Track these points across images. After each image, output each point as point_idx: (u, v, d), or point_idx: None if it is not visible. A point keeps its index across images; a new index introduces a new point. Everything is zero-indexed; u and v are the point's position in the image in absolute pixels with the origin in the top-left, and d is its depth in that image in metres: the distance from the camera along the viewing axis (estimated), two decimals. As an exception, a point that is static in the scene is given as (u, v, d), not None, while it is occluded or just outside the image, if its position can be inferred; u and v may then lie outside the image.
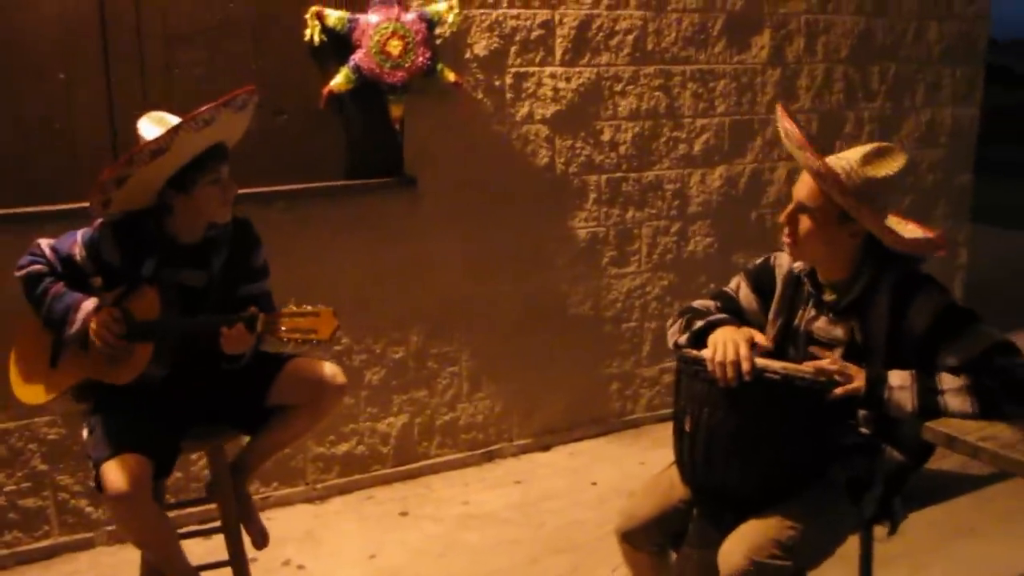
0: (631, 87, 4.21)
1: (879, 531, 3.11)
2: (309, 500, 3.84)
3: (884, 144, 2.32)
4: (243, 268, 2.69)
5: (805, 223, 2.28)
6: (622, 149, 4.25)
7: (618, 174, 4.27)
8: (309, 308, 2.41)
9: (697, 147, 4.43)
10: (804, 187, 2.29)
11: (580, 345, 4.36)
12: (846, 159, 2.26)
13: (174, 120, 2.48)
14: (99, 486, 2.41)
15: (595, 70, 4.11)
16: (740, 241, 4.62)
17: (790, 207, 2.32)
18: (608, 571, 3.21)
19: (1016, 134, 16.05)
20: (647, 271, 4.44)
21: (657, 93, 4.27)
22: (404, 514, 3.75)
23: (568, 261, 4.24)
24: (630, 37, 4.16)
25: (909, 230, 2.35)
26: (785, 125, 2.38)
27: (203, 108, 2.38)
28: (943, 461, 3.72)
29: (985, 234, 7.76)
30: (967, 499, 3.74)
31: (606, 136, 4.20)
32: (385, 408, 3.96)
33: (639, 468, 4.04)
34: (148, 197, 2.54)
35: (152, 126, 2.51)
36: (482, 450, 4.21)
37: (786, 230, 2.35)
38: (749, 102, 4.52)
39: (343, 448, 3.89)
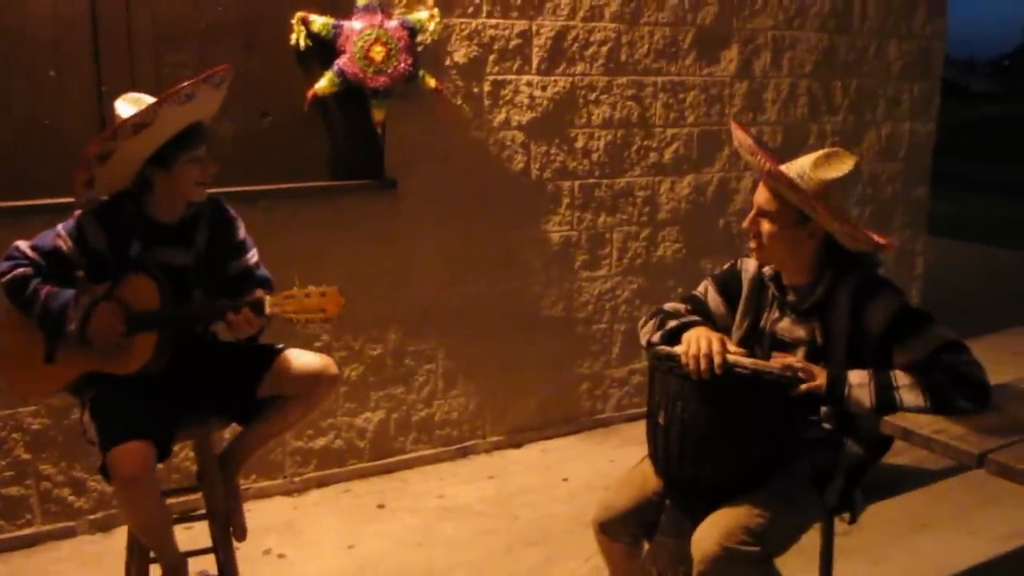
0: (605, 96, 4.35)
1: (839, 525, 3.28)
2: (287, 493, 3.93)
3: (833, 149, 2.47)
4: (226, 244, 2.76)
5: (767, 227, 2.43)
6: (595, 156, 4.38)
7: (591, 180, 4.40)
8: (315, 288, 2.50)
9: (667, 156, 4.57)
10: (762, 194, 2.44)
11: (552, 346, 4.48)
12: (799, 164, 2.41)
13: (150, 100, 2.54)
14: (105, 472, 2.49)
15: (570, 79, 4.25)
16: (708, 247, 4.78)
17: (752, 213, 2.47)
18: (581, 562, 3.33)
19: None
20: (617, 275, 4.58)
21: (629, 103, 4.42)
22: (381, 506, 3.85)
23: (542, 264, 4.37)
24: (604, 48, 4.30)
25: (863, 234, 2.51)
26: (738, 135, 2.53)
27: (184, 84, 2.45)
28: (899, 457, 3.89)
29: (942, 245, 8.04)
30: (922, 494, 3.91)
31: (580, 143, 4.34)
32: (363, 404, 4.06)
33: (609, 465, 4.17)
34: (128, 177, 2.60)
35: (129, 106, 2.57)
36: (457, 446, 4.31)
37: (751, 236, 2.50)
38: (718, 113, 4.68)
39: (321, 442, 3.98)
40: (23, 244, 2.61)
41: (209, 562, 2.94)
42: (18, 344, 2.65)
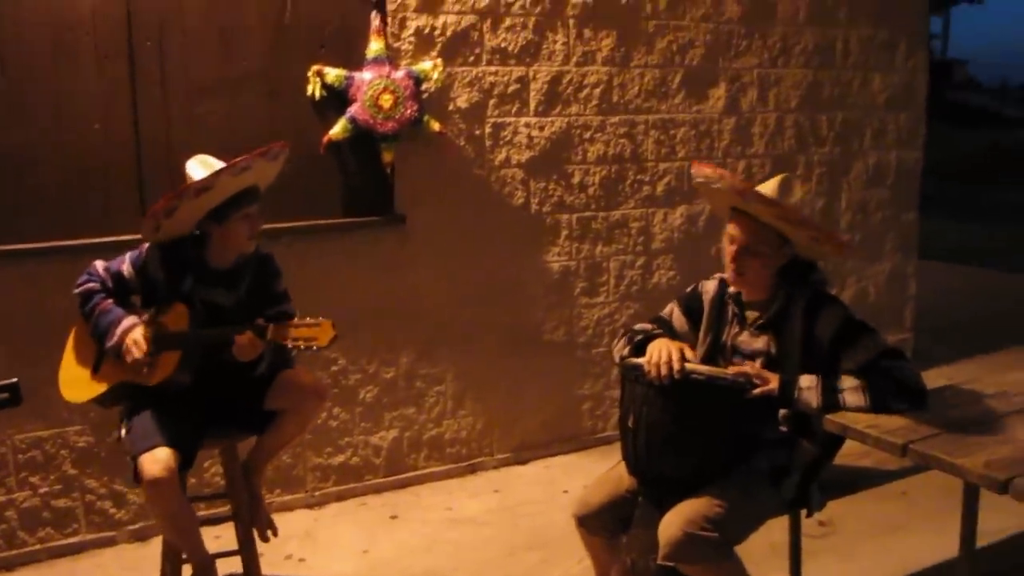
0: (599, 135, 4.69)
1: (814, 527, 3.54)
2: (308, 506, 4.25)
3: (783, 175, 2.80)
4: (265, 294, 3.15)
5: (755, 261, 2.73)
6: (591, 190, 4.72)
7: (587, 213, 4.73)
8: (311, 320, 2.84)
9: (660, 189, 4.90)
10: (743, 229, 2.73)
11: (555, 368, 4.79)
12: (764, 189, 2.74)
13: (217, 163, 2.97)
14: (136, 476, 2.85)
15: (566, 120, 4.60)
16: (700, 273, 4.91)
17: (733, 250, 2.75)
18: (574, 563, 3.61)
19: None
20: (615, 301, 4.89)
21: (622, 140, 4.76)
22: (394, 517, 4.16)
23: (543, 291, 4.69)
24: (597, 90, 4.65)
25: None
26: (706, 172, 2.81)
27: (243, 157, 2.88)
28: (863, 459, 4.16)
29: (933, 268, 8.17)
30: (898, 499, 4.15)
31: (576, 179, 4.68)
32: (377, 423, 4.38)
33: (607, 478, 4.45)
34: (189, 227, 3.03)
35: (199, 167, 3.00)
36: (465, 463, 4.62)
37: (732, 267, 2.80)
38: (707, 147, 5.01)
39: (339, 459, 4.31)
40: (99, 263, 3.06)
41: (236, 564, 3.27)
42: (82, 350, 3.06)
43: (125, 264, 3.05)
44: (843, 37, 5.38)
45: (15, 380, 2.60)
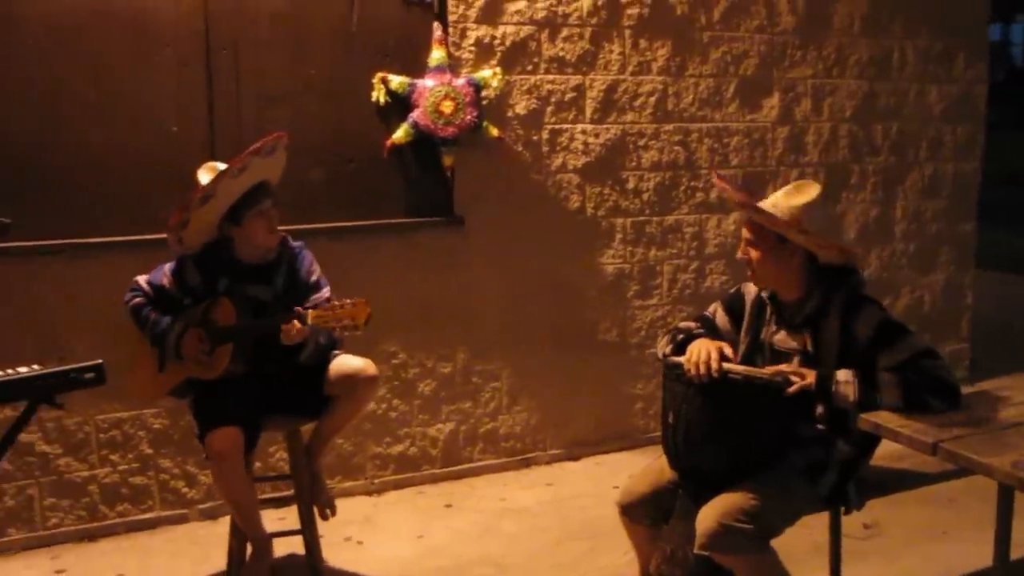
0: (653, 142, 4.82)
1: (860, 530, 3.58)
2: (368, 493, 4.45)
3: (801, 181, 2.94)
4: (301, 284, 3.34)
5: (755, 253, 2.87)
6: (645, 196, 4.85)
7: (641, 218, 4.87)
8: (348, 301, 3.02)
9: (713, 195, 5.01)
10: (745, 227, 2.90)
11: (608, 368, 4.92)
12: (773, 197, 2.89)
13: (223, 167, 3.15)
14: (206, 454, 3.08)
15: (621, 127, 4.74)
16: None
17: (741, 244, 2.91)
18: (620, 555, 3.74)
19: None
20: (668, 303, 5.01)
21: (676, 147, 4.88)
22: (449, 506, 4.34)
23: (597, 293, 4.84)
24: (652, 99, 4.78)
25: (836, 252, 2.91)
26: (717, 185, 3.00)
27: (237, 158, 3.07)
28: (901, 462, 4.19)
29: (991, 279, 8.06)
30: (948, 505, 4.18)
31: (631, 184, 4.81)
32: (435, 416, 4.57)
33: (656, 475, 4.57)
34: (210, 233, 3.24)
35: (206, 174, 3.22)
36: (519, 457, 4.78)
37: (747, 264, 2.94)
38: (761, 156, 5.11)
39: (398, 449, 4.50)
40: (142, 278, 3.31)
41: (298, 544, 3.48)
42: (143, 356, 3.32)
43: (165, 276, 3.29)
44: (899, 48, 5.43)
45: (100, 361, 2.84)
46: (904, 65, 5.46)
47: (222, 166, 3.17)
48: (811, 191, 2.86)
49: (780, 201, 2.84)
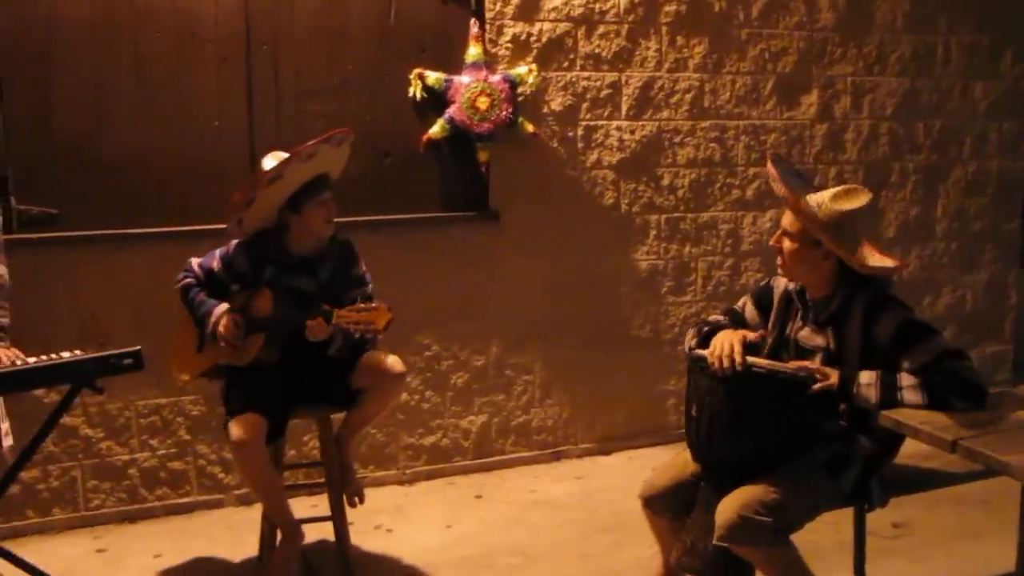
0: (689, 139, 4.83)
1: (889, 529, 3.55)
2: (399, 482, 4.52)
3: (853, 186, 2.90)
4: (347, 277, 3.42)
5: (788, 245, 2.87)
6: (680, 192, 4.87)
7: (676, 214, 4.88)
8: (372, 305, 3.10)
9: (749, 192, 5.01)
10: (787, 217, 2.90)
11: (640, 363, 4.94)
12: (820, 196, 2.85)
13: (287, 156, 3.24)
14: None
15: (656, 124, 4.76)
16: None
17: (777, 232, 2.92)
18: (646, 548, 3.77)
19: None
20: (702, 300, 5.02)
21: (712, 144, 4.89)
22: (479, 497, 4.39)
23: (630, 289, 4.86)
24: (688, 96, 4.80)
25: (877, 258, 2.89)
26: (767, 169, 2.98)
27: (308, 143, 3.15)
28: (928, 461, 4.11)
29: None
30: (980, 507, 4.14)
31: (666, 181, 4.83)
32: (467, 408, 4.63)
33: (686, 471, 4.59)
34: (270, 218, 3.32)
35: (271, 160, 3.31)
36: (550, 450, 4.82)
37: (778, 252, 2.95)
38: (799, 153, 5.09)
39: (430, 440, 4.57)
40: (194, 261, 3.41)
41: (328, 530, 3.55)
42: (186, 334, 3.42)
43: (215, 260, 3.39)
44: (943, 43, 5.37)
45: (138, 348, 2.94)
46: (948, 61, 5.40)
47: (285, 154, 3.26)
48: (859, 198, 2.84)
49: (826, 202, 2.82)
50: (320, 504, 3.90)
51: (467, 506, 4.30)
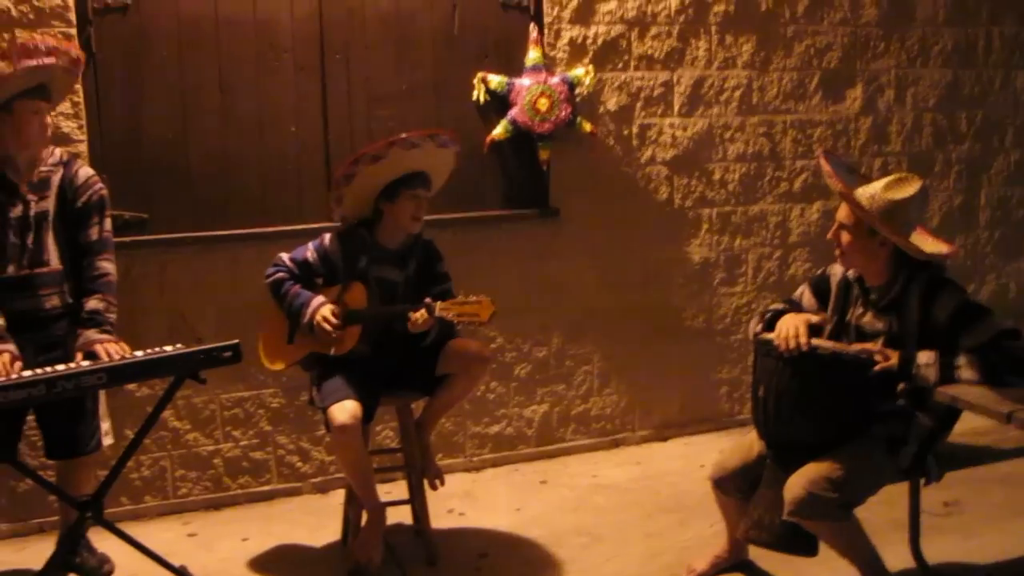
0: (739, 134, 5.00)
1: (936, 507, 3.67)
2: (467, 470, 4.72)
3: (904, 174, 3.05)
4: (430, 273, 3.62)
5: (846, 237, 3.04)
6: (731, 186, 5.03)
7: (727, 208, 5.04)
8: (473, 298, 3.27)
9: (797, 185, 5.16)
10: (842, 210, 3.06)
11: (694, 353, 5.11)
12: (872, 187, 3.00)
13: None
14: (327, 425, 3.36)
15: (707, 120, 4.92)
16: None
17: (834, 226, 3.08)
18: (707, 526, 3.94)
19: None
20: (753, 291, 5.17)
21: (761, 139, 5.05)
22: (544, 482, 4.58)
23: (684, 280, 5.03)
24: (737, 93, 4.96)
25: (930, 244, 3.04)
26: (820, 164, 3.14)
27: (414, 133, 3.36)
28: (982, 438, 4.22)
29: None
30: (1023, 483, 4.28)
31: (717, 175, 4.99)
32: (530, 398, 4.82)
33: (742, 455, 4.74)
34: (366, 204, 3.52)
35: None
36: (610, 437, 5.00)
37: (835, 245, 3.11)
38: (844, 146, 5.23)
39: (495, 429, 4.76)
40: (284, 255, 3.58)
41: (406, 514, 3.76)
42: (276, 326, 3.61)
43: (309, 252, 3.57)
44: (985, 35, 5.49)
45: (237, 341, 3.15)
46: (990, 52, 5.51)
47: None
48: (911, 186, 2.98)
49: (879, 193, 2.97)
50: (393, 489, 4.12)
51: (533, 491, 4.48)
